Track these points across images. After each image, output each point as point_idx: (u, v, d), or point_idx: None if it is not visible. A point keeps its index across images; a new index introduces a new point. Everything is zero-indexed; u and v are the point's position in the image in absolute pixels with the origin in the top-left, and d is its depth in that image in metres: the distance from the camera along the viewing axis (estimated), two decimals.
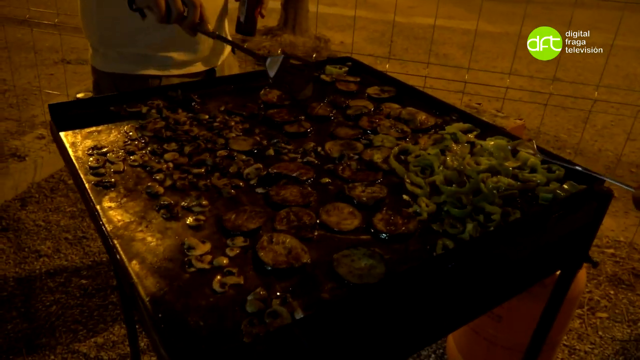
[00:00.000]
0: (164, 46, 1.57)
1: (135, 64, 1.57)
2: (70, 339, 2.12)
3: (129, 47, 1.56)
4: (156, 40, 1.54)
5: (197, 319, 0.76)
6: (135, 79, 1.58)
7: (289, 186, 1.09)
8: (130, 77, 1.58)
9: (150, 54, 1.57)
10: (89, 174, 1.09)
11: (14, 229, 2.72)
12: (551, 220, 0.98)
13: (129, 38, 1.54)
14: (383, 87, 1.60)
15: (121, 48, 1.56)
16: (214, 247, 0.91)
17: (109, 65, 1.59)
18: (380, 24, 7.35)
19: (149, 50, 1.56)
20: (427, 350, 2.20)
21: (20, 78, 4.42)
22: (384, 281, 0.84)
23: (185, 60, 1.62)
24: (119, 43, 1.56)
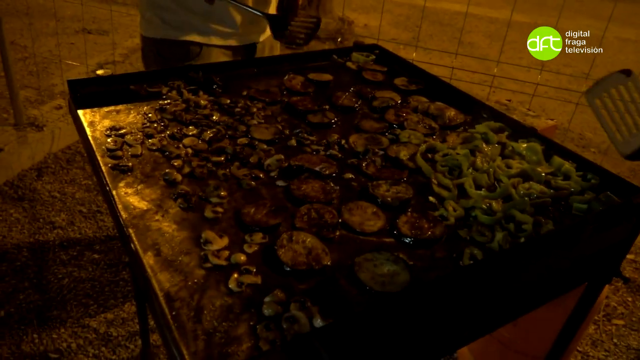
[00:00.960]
0: (203, 15, 1.57)
1: (176, 30, 1.59)
2: (80, 313, 2.12)
3: (171, 13, 1.57)
4: (196, 8, 1.54)
5: (212, 319, 0.73)
6: (176, 44, 1.60)
7: (311, 180, 1.05)
8: (171, 43, 1.60)
9: (191, 21, 1.58)
10: (106, 156, 1.06)
11: (29, 199, 2.72)
12: (585, 235, 0.93)
13: (171, 2, 1.55)
14: (411, 78, 1.54)
15: (164, 13, 1.58)
16: (232, 242, 0.87)
17: (153, 31, 1.62)
18: (405, 7, 7.19)
19: (190, 17, 1.57)
20: None
21: (41, 46, 4.40)
22: (408, 291, 0.80)
23: (225, 32, 1.62)
24: (163, 7, 1.58)
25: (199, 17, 1.57)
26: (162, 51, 1.63)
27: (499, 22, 7.06)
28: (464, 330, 0.92)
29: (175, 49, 1.60)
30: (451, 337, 0.91)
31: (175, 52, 1.61)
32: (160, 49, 1.62)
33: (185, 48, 1.60)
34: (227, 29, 1.62)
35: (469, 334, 0.95)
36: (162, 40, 1.61)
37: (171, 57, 1.61)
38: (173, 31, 1.58)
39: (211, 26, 1.59)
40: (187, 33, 1.58)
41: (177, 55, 1.61)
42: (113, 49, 4.27)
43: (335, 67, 1.60)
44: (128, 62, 4.24)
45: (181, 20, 1.57)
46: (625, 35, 6.59)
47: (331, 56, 1.65)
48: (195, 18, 1.57)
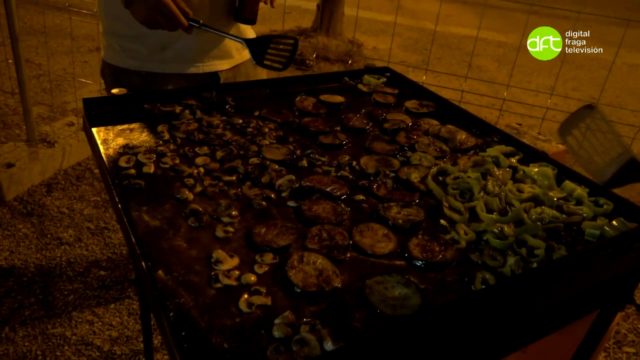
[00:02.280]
0: (161, 44, 1.52)
1: (133, 59, 1.54)
2: (85, 330, 2.12)
3: (128, 42, 1.52)
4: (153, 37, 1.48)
5: (222, 340, 0.73)
6: (134, 74, 1.55)
7: (322, 201, 1.05)
8: (129, 72, 1.56)
9: (148, 50, 1.52)
10: (119, 174, 1.07)
11: (38, 214, 2.74)
12: (598, 262, 0.92)
13: (128, 31, 1.49)
14: (422, 101, 1.55)
15: (122, 41, 1.53)
16: (242, 262, 0.87)
17: (112, 57, 1.57)
18: (415, 31, 7.27)
19: (147, 47, 1.52)
20: None
21: (55, 64, 4.48)
22: (419, 315, 0.79)
23: (183, 61, 1.56)
24: (120, 35, 1.53)
25: (156, 47, 1.52)
26: (120, 79, 1.58)
27: (507, 46, 7.11)
28: (476, 356, 0.91)
29: (133, 77, 1.56)
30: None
31: (132, 81, 1.56)
32: (118, 76, 1.58)
33: (142, 77, 1.55)
34: (185, 58, 1.56)
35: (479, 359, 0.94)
36: (120, 69, 1.56)
37: (128, 85, 1.51)
38: (130, 60, 1.54)
39: (169, 55, 1.54)
40: (144, 62, 1.54)
41: (134, 83, 1.56)
42: None
43: (346, 89, 1.61)
44: None
45: (137, 49, 1.52)
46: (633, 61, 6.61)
47: (343, 78, 1.67)
48: (153, 48, 1.52)
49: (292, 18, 7.02)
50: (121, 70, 1.56)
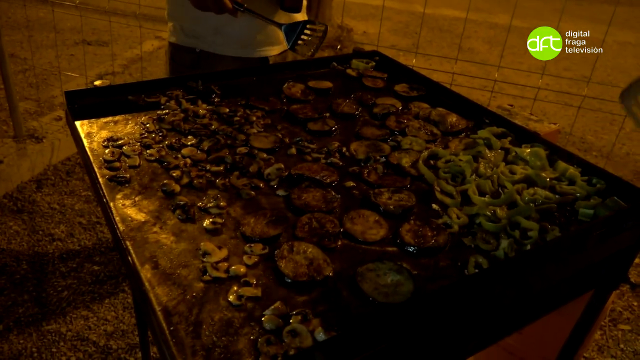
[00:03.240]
0: (214, 26, 1.63)
1: (188, 37, 1.68)
2: (80, 325, 2.10)
3: (186, 22, 1.66)
4: (207, 19, 1.58)
5: (211, 334, 0.71)
6: (186, 50, 1.69)
7: (312, 189, 1.03)
8: (182, 49, 1.70)
9: (202, 31, 1.64)
10: (104, 168, 1.04)
11: (28, 211, 2.71)
12: (592, 242, 0.91)
13: (185, 13, 1.62)
14: (412, 84, 1.53)
15: (180, 22, 1.68)
16: (231, 254, 0.85)
17: (171, 36, 1.73)
18: (405, 14, 7.21)
19: (201, 27, 1.64)
20: None
21: (41, 58, 4.41)
22: (412, 302, 0.78)
23: (234, 44, 1.66)
24: (179, 17, 1.68)
25: (210, 30, 1.63)
26: (174, 55, 1.74)
27: (498, 27, 7.07)
28: (470, 341, 0.90)
29: (185, 55, 1.70)
30: (457, 348, 0.89)
31: (184, 58, 1.70)
32: (174, 53, 1.73)
33: (196, 54, 1.67)
34: (236, 41, 1.66)
35: (474, 345, 0.93)
36: (176, 45, 1.71)
37: (181, 62, 1.71)
38: (185, 38, 1.68)
39: (221, 38, 1.64)
40: (198, 41, 1.66)
41: (186, 60, 1.70)
42: (112, 60, 4.28)
43: (335, 75, 1.59)
44: (127, 73, 4.24)
45: (194, 29, 1.65)
46: (624, 39, 6.60)
47: (331, 63, 1.64)
48: (207, 30, 1.63)
49: None
50: (177, 48, 1.71)
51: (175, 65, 1.75)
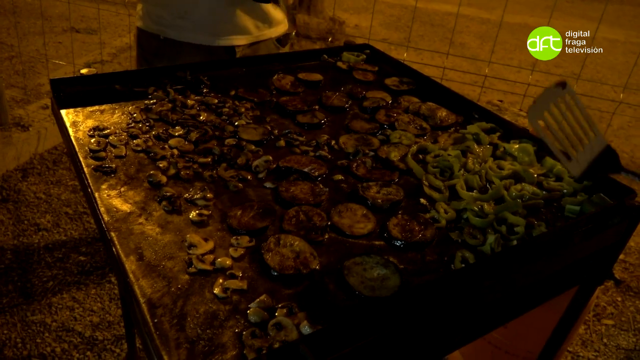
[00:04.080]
0: (179, 12, 1.58)
1: (154, 23, 1.63)
2: (66, 316, 2.09)
3: (152, 7, 1.62)
4: (173, 5, 1.55)
5: (196, 326, 0.71)
6: (152, 37, 1.65)
7: (300, 182, 1.02)
8: (149, 35, 1.65)
9: (167, 16, 1.60)
10: (89, 157, 1.03)
11: (14, 200, 2.67)
12: (578, 238, 0.92)
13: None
14: (402, 78, 1.52)
15: (148, 6, 1.64)
16: (217, 246, 0.85)
17: (139, 21, 1.68)
18: (397, 8, 7.19)
19: (167, 13, 1.59)
20: None
21: (28, 44, 4.34)
22: (397, 296, 0.78)
23: (200, 30, 1.61)
24: (147, 1, 1.64)
25: (176, 14, 1.58)
26: (142, 42, 1.69)
27: (490, 22, 7.08)
28: (456, 334, 0.90)
29: (152, 41, 1.65)
30: (442, 342, 0.89)
31: (151, 45, 1.66)
32: (141, 40, 1.69)
33: (161, 42, 1.63)
34: (202, 29, 1.61)
35: (460, 339, 0.93)
36: (143, 32, 1.67)
37: (148, 48, 1.67)
38: (152, 24, 1.64)
39: (187, 24, 1.59)
40: (164, 28, 1.62)
41: (152, 47, 1.65)
42: (101, 48, 4.23)
43: (325, 67, 1.58)
44: (116, 62, 4.19)
45: (159, 14, 1.61)
46: (613, 36, 6.65)
47: (321, 56, 1.63)
48: (173, 14, 1.58)
49: None
50: (143, 33, 1.67)
51: (141, 52, 1.71)
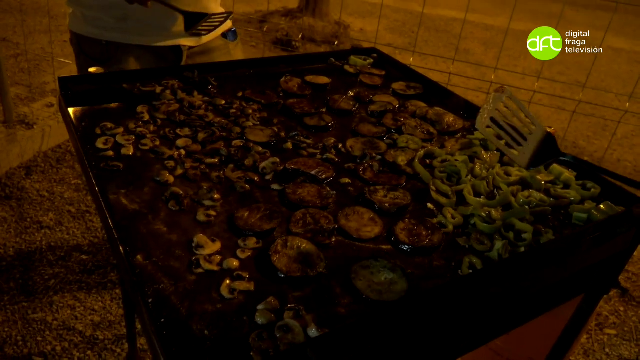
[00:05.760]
0: (121, 14, 1.51)
1: (95, 28, 1.55)
2: (67, 315, 2.08)
3: (90, 10, 1.53)
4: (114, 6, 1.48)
5: (202, 327, 0.70)
6: (95, 42, 1.56)
7: (307, 185, 1.02)
8: (91, 41, 1.56)
9: (109, 19, 1.53)
10: (96, 156, 1.03)
11: (17, 198, 2.67)
12: (585, 246, 0.91)
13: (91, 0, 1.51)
14: (409, 83, 1.52)
15: (84, 10, 1.54)
16: (224, 247, 0.84)
17: (76, 26, 1.58)
18: (402, 13, 7.21)
19: (108, 16, 1.52)
20: None
21: (34, 43, 4.35)
22: (405, 300, 0.77)
23: (144, 31, 1.55)
24: (83, 4, 1.54)
25: (118, 16, 1.52)
26: (84, 48, 1.59)
27: (494, 29, 7.09)
28: (462, 340, 0.90)
29: (95, 46, 1.57)
30: (448, 348, 0.89)
31: (94, 50, 1.57)
32: (82, 45, 1.59)
33: (104, 46, 1.56)
34: (147, 30, 1.55)
35: (466, 345, 0.93)
36: (83, 37, 1.57)
37: (92, 54, 1.57)
38: (92, 29, 1.55)
39: (131, 26, 1.53)
40: (105, 32, 1.54)
41: (96, 52, 1.57)
42: None
43: (332, 70, 1.58)
44: None
45: (98, 17, 1.53)
46: (618, 45, 6.65)
47: (329, 59, 1.63)
48: (113, 16, 1.52)
49: None
50: (83, 39, 1.57)
51: (85, 58, 1.61)
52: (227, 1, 1.86)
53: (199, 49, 1.67)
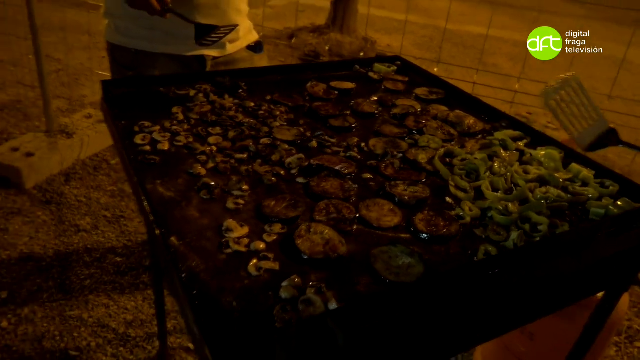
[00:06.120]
0: (150, 24, 1.59)
1: (125, 37, 1.65)
2: (101, 313, 2.17)
3: (121, 21, 1.64)
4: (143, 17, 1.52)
5: (231, 300, 0.76)
6: (125, 50, 1.66)
7: (330, 179, 1.08)
8: (122, 49, 1.67)
9: (137, 29, 1.62)
10: (135, 150, 1.11)
11: (56, 203, 2.81)
12: (602, 235, 0.93)
13: (122, 11, 1.59)
14: (432, 88, 1.57)
15: (116, 20, 1.65)
16: (252, 232, 0.90)
17: (109, 36, 1.70)
18: (429, 29, 7.26)
19: (137, 26, 1.61)
20: None
21: (74, 59, 4.57)
22: (422, 281, 0.81)
23: (171, 41, 1.63)
24: (115, 15, 1.65)
25: (146, 27, 1.61)
26: (116, 56, 1.70)
27: (523, 45, 7.04)
28: (475, 327, 0.93)
29: (125, 54, 1.67)
30: (462, 332, 0.91)
31: (125, 58, 1.68)
32: (114, 53, 1.70)
33: (133, 54, 1.66)
34: (173, 40, 1.63)
35: (480, 333, 0.95)
36: (115, 46, 1.69)
37: (123, 62, 1.68)
38: (123, 38, 1.66)
39: (157, 36, 1.62)
40: (135, 40, 1.64)
41: (126, 60, 1.67)
42: None
43: (357, 77, 1.64)
44: None
45: (128, 27, 1.63)
46: None
47: (353, 66, 1.70)
48: (142, 26, 1.61)
49: (306, 16, 7.05)
50: (116, 47, 1.68)
51: (117, 66, 1.73)
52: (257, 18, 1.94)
53: (223, 60, 1.74)
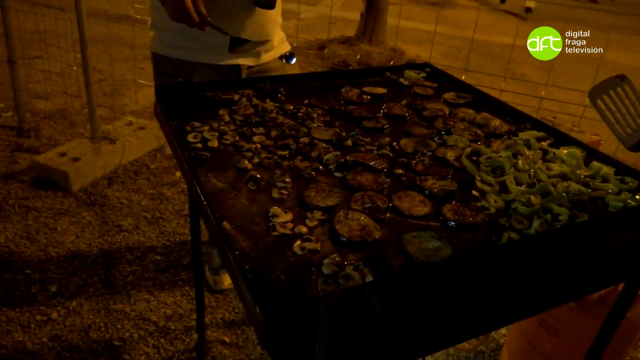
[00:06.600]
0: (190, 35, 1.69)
1: (168, 47, 1.78)
2: (142, 307, 2.30)
3: (165, 32, 1.76)
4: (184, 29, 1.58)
5: (279, 274, 0.86)
6: (167, 60, 1.80)
7: (365, 173, 1.17)
8: (165, 58, 1.80)
9: (179, 40, 1.75)
10: (187, 147, 1.22)
11: (100, 204, 2.97)
12: (620, 224, 1.00)
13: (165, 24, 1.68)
14: (459, 93, 1.66)
15: (160, 32, 1.78)
16: (295, 217, 1.00)
17: (154, 46, 1.83)
18: (457, 40, 7.32)
19: (179, 37, 1.74)
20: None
21: (115, 70, 4.80)
22: (451, 260, 0.90)
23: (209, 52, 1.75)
24: (159, 27, 1.77)
25: (187, 38, 1.72)
26: (159, 64, 1.84)
27: None
28: (498, 308, 1.00)
29: (167, 63, 1.80)
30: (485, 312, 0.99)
31: (167, 67, 1.81)
32: (158, 62, 1.84)
33: (175, 63, 1.78)
34: (211, 50, 1.74)
35: (503, 314, 1.02)
36: (159, 56, 1.82)
37: (166, 70, 1.81)
38: (166, 48, 1.79)
39: (197, 46, 1.74)
40: (176, 50, 1.77)
41: (168, 69, 1.81)
42: None
43: (388, 83, 1.73)
44: None
45: (171, 38, 1.76)
46: None
47: (385, 73, 1.79)
48: (184, 37, 1.73)
49: (337, 27, 7.21)
50: (159, 57, 1.82)
51: (160, 74, 1.84)
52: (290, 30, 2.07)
53: (257, 69, 1.86)
